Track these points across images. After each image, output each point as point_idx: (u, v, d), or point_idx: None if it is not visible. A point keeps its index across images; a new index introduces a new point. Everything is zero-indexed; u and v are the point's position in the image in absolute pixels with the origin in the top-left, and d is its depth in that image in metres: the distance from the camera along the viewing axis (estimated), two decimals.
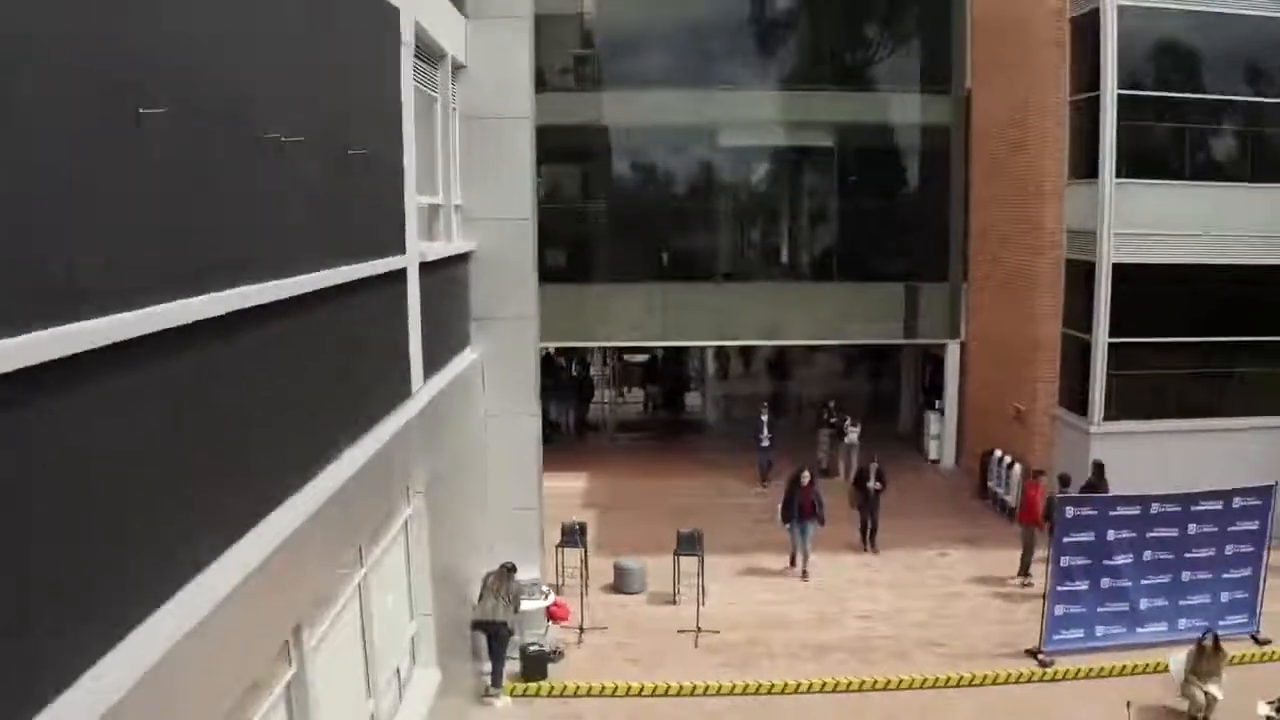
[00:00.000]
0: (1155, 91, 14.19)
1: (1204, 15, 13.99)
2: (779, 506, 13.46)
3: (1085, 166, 14.27)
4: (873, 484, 14.08)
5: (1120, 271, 13.93)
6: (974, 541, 14.47)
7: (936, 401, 18.71)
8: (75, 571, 3.10)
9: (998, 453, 15.92)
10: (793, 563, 13.42)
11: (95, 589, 3.22)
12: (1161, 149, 14.36)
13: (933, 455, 18.68)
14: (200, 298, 3.88)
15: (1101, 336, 14.02)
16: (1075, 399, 14.62)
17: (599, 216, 18.22)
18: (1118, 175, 13.77)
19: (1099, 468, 13.35)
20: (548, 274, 13.26)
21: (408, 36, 7.75)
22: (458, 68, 10.30)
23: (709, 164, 18.46)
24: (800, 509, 13.09)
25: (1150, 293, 14.07)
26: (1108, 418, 14.11)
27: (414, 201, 7.99)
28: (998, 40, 16.83)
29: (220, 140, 4.19)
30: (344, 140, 6.09)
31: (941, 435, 18.49)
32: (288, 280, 4.87)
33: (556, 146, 15.97)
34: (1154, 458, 13.52)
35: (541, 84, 12.96)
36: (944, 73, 17.82)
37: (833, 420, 17.90)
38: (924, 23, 18.10)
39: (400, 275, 7.51)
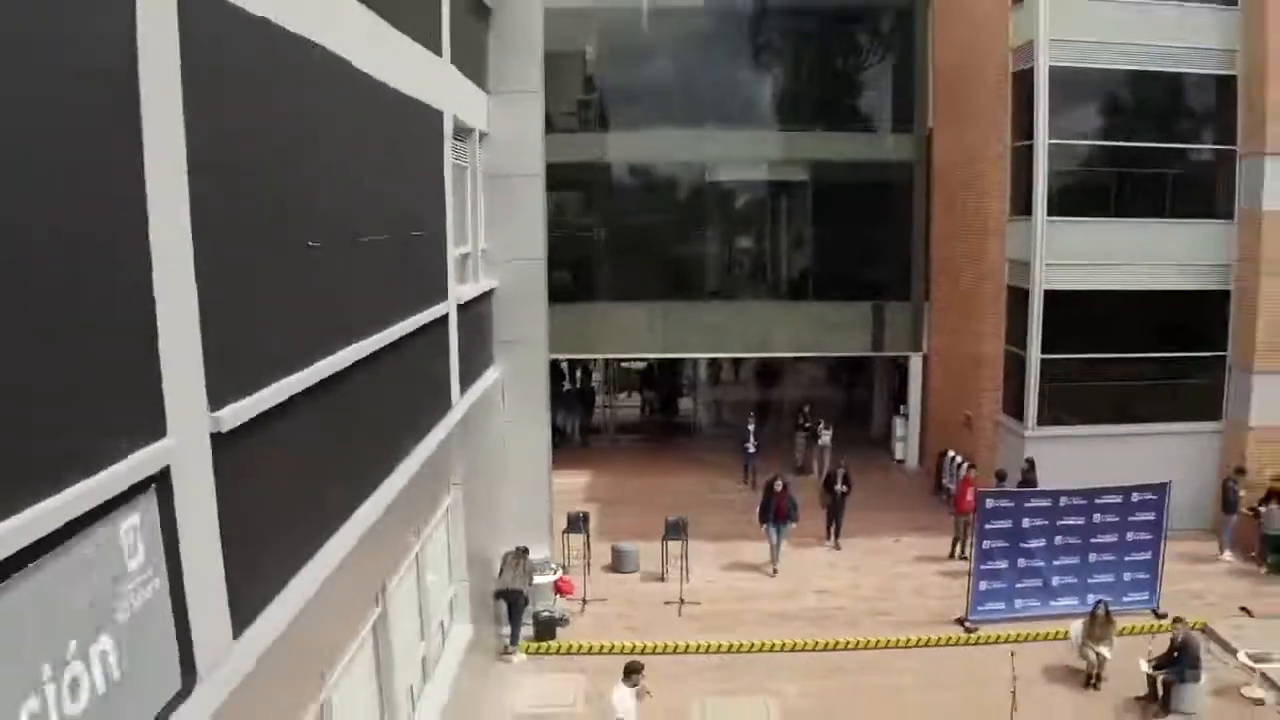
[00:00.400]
0: (1082, 140, 16.37)
1: (1124, 73, 16.17)
2: (758, 508, 15.45)
3: (1022, 205, 16.43)
4: (839, 487, 16.16)
5: (1051, 296, 16.10)
6: (925, 530, 16.62)
7: (901, 407, 20.90)
8: (306, 520, 5.30)
9: (951, 453, 18.07)
10: (771, 560, 15.35)
11: (295, 528, 5.41)
12: (1087, 191, 16.51)
13: (899, 456, 20.88)
14: (349, 347, 6.09)
15: (1035, 353, 16.19)
16: (1014, 406, 16.79)
17: (602, 242, 20.40)
18: (1049, 214, 15.94)
19: (1030, 465, 15.56)
20: (556, 294, 15.31)
21: (448, 128, 9.92)
22: (482, 135, 12.48)
23: (700, 195, 20.64)
24: (775, 512, 14.97)
25: (1077, 314, 16.24)
26: (1041, 423, 16.30)
27: (452, 254, 10.16)
28: (954, 89, 18.98)
29: (347, 247, 6.38)
30: (410, 225, 8.28)
31: (906, 438, 20.68)
32: (388, 330, 7.07)
33: (564, 180, 18.10)
34: (1081, 457, 15.66)
35: (550, 126, 15.11)
36: (908, 115, 20.00)
37: (808, 424, 20.07)
38: (891, 71, 20.28)
39: (444, 317, 9.68)
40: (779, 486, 14.96)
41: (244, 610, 4.66)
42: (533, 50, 12.88)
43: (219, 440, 4.35)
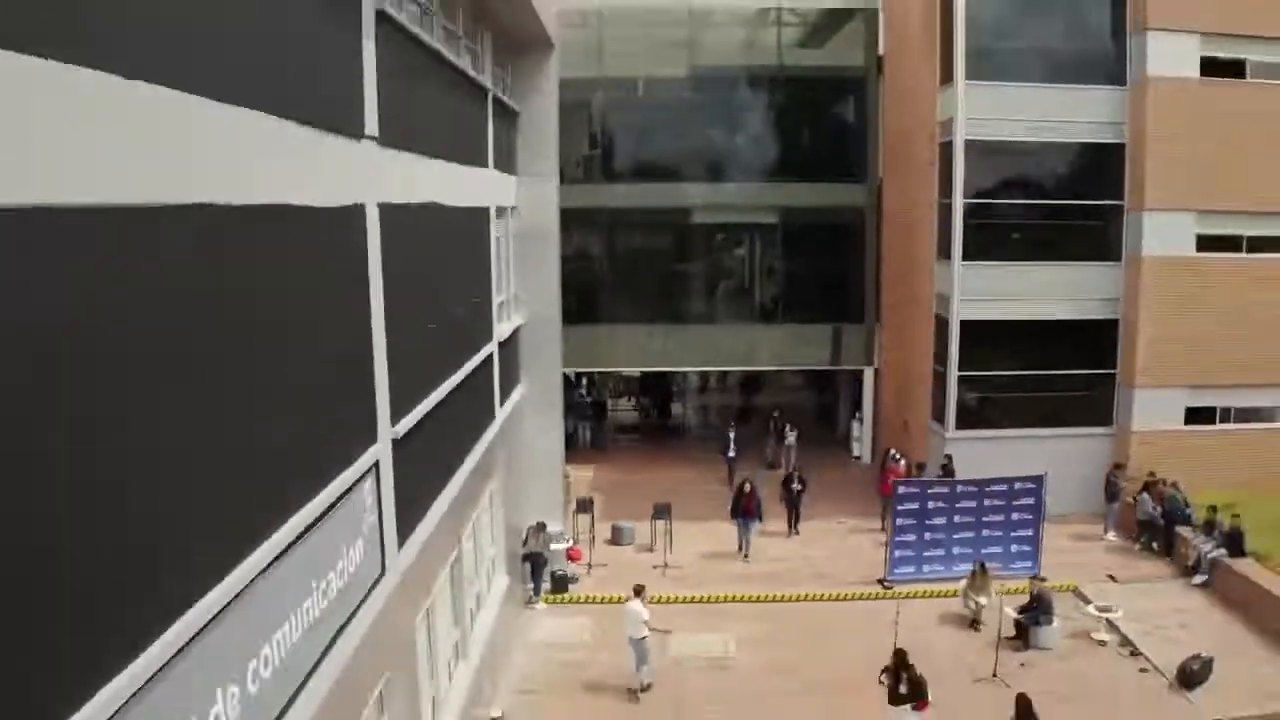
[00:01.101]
0: (992, 200, 20.16)
1: (1030, 144, 19.94)
2: (729, 506, 18.96)
3: (945, 250, 20.22)
4: (795, 485, 19.78)
5: (966, 325, 19.92)
6: (868, 514, 20.34)
7: (858, 412, 24.71)
8: (424, 490, 9.13)
9: (893, 450, 21.84)
10: (740, 549, 18.96)
11: (422, 499, 9.24)
12: (998, 239, 20.26)
13: (856, 453, 24.70)
14: (444, 383, 9.92)
15: (954, 371, 19.99)
16: (939, 413, 20.59)
17: (607, 273, 24.21)
18: (964, 258, 19.74)
19: (949, 460, 19.35)
20: (569, 317, 18.93)
21: (492, 214, 13.75)
22: (512, 209, 16.31)
23: (689, 234, 24.51)
24: (744, 511, 18.38)
25: (989, 339, 20.06)
26: (959, 427, 20.10)
27: (495, 303, 13.98)
28: (898, 147, 22.77)
29: (444, 318, 10.20)
30: (474, 292, 12.12)
31: (861, 438, 24.49)
32: (463, 368, 10.91)
33: (574, 221, 21.83)
34: (995, 454, 19.34)
35: (561, 178, 18.80)
36: (863, 168, 23.80)
37: (778, 427, 23.88)
38: (848, 131, 24.05)
39: (491, 354, 13.51)
40: (747, 488, 18.27)
41: (403, 536, 8.49)
42: (549, 144, 16.76)
43: (395, 444, 8.18)
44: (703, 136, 23.69)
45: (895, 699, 11.76)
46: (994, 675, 13.79)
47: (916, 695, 11.64)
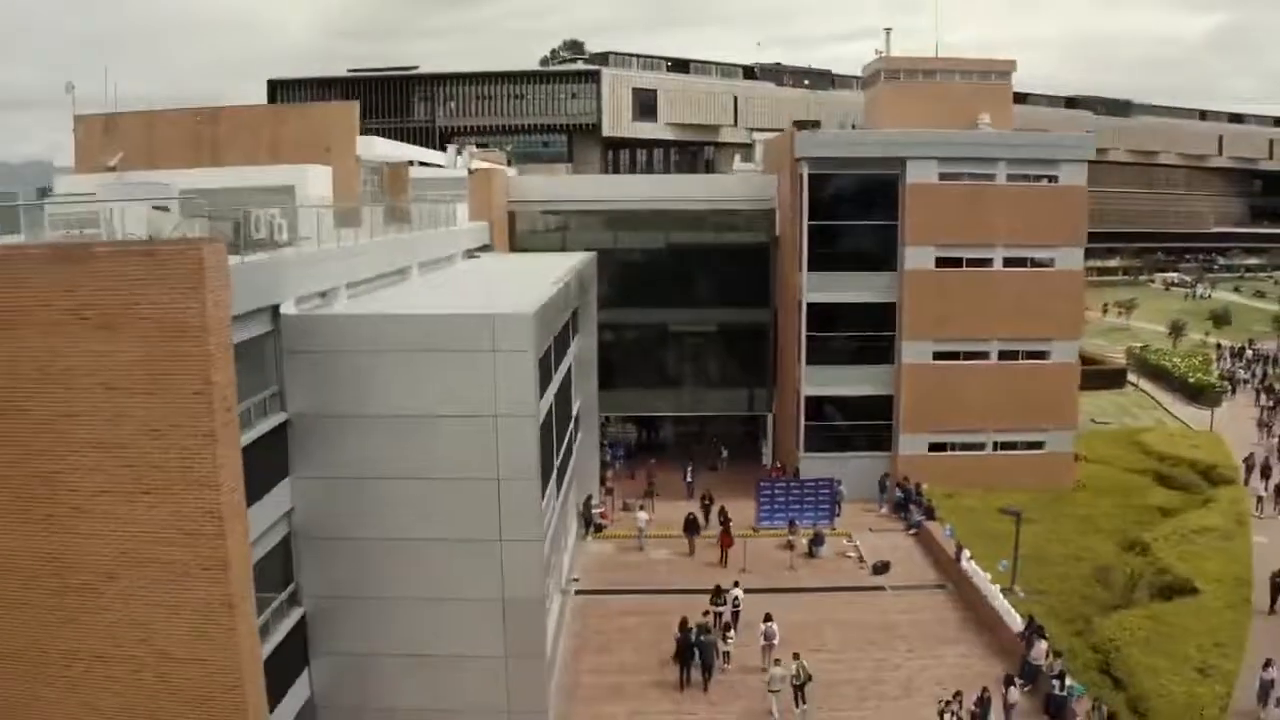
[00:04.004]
0: (822, 332, 37.81)
1: (842, 304, 37.59)
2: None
3: (799, 356, 37.91)
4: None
5: (808, 398, 37.69)
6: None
7: (763, 437, 42.57)
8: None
9: (779, 463, 39.53)
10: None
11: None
12: (825, 354, 37.86)
13: (765, 462, 42.46)
14: (568, 432, 27.79)
15: (802, 420, 37.76)
16: (798, 443, 38.35)
17: (619, 359, 41.81)
18: (808, 363, 37.45)
19: (797, 470, 37.22)
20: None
21: (572, 354, 31.41)
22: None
23: (665, 338, 42.18)
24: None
25: (824, 406, 37.81)
26: (806, 451, 37.89)
27: (573, 393, 31.61)
28: (784, 291, 40.35)
29: (570, 412, 27.93)
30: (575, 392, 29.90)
31: (766, 452, 42.32)
32: (570, 424, 28.76)
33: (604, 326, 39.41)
34: (827, 466, 36.94)
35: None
36: (766, 300, 41.41)
37: (716, 446, 41.75)
38: (758, 278, 41.59)
39: (575, 417, 31.16)
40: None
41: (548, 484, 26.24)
42: (592, 316, 34.54)
43: (560, 475, 25.91)
44: (671, 282, 41.39)
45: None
46: (790, 566, 31.64)
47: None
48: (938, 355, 37.73)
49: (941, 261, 37.37)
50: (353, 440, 16.64)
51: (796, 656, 22.77)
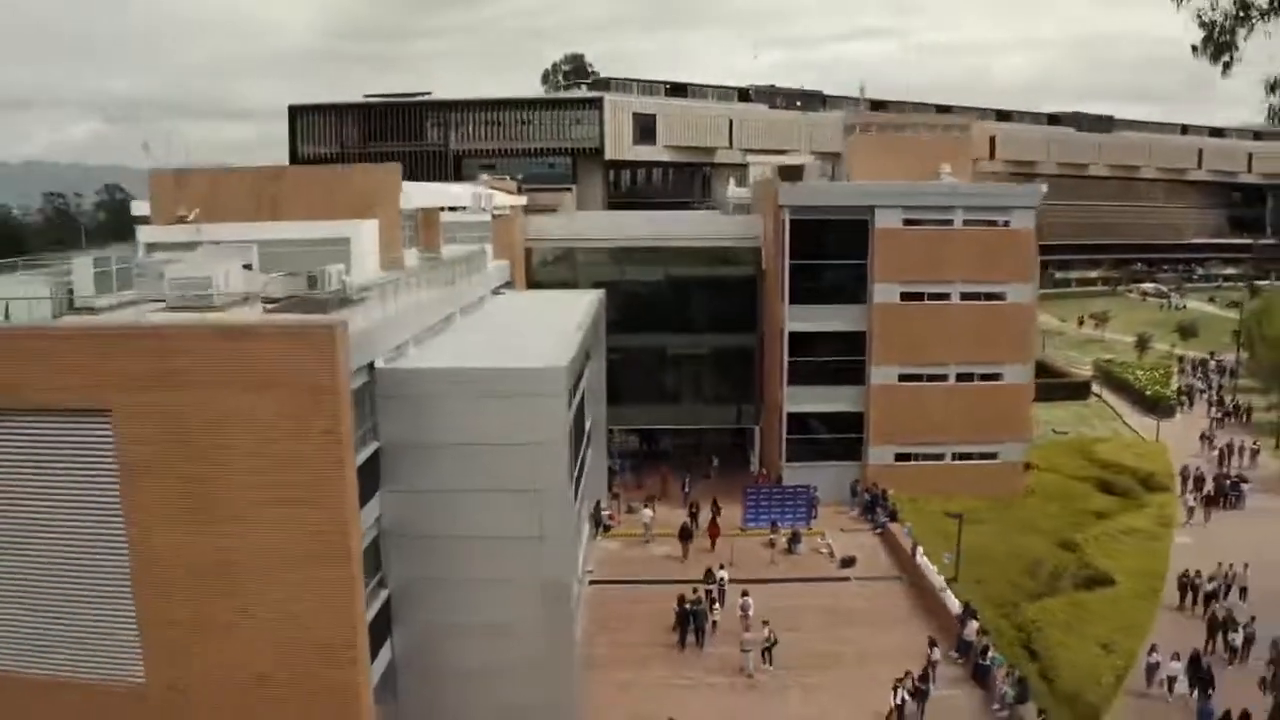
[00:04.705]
0: (800, 357, 43.22)
1: (819, 333, 43.03)
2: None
3: (794, 379, 43.30)
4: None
5: (790, 415, 43.09)
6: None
7: (751, 448, 48.00)
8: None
9: (765, 470, 44.86)
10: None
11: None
12: (804, 375, 43.29)
13: (752, 469, 47.85)
14: (584, 447, 33.28)
15: (783, 434, 43.16)
16: (780, 454, 43.76)
17: (624, 378, 47.17)
18: (789, 384, 42.86)
19: (779, 478, 42.66)
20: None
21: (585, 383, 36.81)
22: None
23: (665, 360, 47.59)
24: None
25: (805, 422, 43.22)
26: (788, 461, 43.31)
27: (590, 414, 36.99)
28: (769, 320, 45.75)
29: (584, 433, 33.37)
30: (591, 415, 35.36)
31: (754, 460, 47.74)
32: (585, 439, 34.24)
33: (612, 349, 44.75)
34: (806, 474, 42.36)
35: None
36: (754, 326, 46.85)
37: (708, 455, 47.20)
38: (746, 306, 47.03)
39: (590, 435, 36.55)
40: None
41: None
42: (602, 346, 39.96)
43: (578, 482, 31.28)
44: (669, 310, 46.84)
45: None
46: (771, 561, 37.07)
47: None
48: (903, 377, 43.15)
49: (906, 296, 42.79)
50: (428, 462, 21.98)
51: (766, 624, 28.53)
